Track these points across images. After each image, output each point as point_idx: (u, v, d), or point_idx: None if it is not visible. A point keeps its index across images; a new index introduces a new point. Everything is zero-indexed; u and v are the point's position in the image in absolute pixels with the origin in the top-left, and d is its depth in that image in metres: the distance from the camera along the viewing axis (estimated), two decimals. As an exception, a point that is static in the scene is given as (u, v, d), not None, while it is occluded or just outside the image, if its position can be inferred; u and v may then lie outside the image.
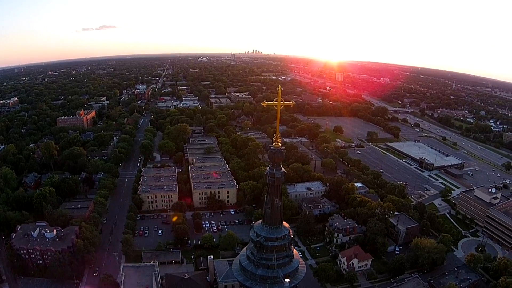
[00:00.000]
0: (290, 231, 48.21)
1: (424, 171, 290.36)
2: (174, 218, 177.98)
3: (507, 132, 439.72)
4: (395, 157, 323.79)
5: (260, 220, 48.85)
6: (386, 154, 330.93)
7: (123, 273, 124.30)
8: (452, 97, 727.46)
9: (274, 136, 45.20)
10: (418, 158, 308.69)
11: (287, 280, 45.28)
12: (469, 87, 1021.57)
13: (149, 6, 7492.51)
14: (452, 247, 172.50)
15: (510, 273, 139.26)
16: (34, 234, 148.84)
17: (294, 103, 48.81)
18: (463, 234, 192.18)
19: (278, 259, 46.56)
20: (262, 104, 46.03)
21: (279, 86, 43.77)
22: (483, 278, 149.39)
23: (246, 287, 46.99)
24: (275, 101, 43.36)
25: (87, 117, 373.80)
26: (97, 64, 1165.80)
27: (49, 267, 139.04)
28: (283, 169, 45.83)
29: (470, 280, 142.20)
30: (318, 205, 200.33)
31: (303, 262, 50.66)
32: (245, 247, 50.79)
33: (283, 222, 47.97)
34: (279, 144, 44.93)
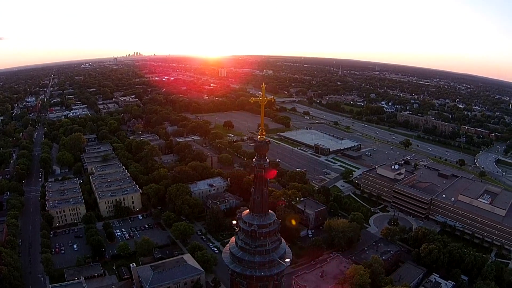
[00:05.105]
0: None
1: (321, 157, 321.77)
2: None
3: (401, 112, 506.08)
4: (289, 146, 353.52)
5: (247, 211, 56.27)
6: (279, 143, 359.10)
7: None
8: (339, 83, 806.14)
9: (259, 130, 53.08)
10: (313, 145, 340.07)
11: (287, 260, 54.02)
12: (356, 72, 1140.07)
13: (32, 15, 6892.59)
14: (365, 224, 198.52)
15: (430, 240, 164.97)
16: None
17: (275, 98, 57.39)
18: (373, 211, 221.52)
19: (271, 244, 54.93)
20: (250, 100, 53.40)
21: (263, 83, 51.60)
22: (402, 249, 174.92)
23: (246, 276, 53.99)
24: (260, 97, 51.40)
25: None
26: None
27: None
28: (268, 160, 54.00)
29: (391, 252, 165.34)
30: (223, 200, 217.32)
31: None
32: (231, 239, 57.37)
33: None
34: (264, 137, 52.99)
